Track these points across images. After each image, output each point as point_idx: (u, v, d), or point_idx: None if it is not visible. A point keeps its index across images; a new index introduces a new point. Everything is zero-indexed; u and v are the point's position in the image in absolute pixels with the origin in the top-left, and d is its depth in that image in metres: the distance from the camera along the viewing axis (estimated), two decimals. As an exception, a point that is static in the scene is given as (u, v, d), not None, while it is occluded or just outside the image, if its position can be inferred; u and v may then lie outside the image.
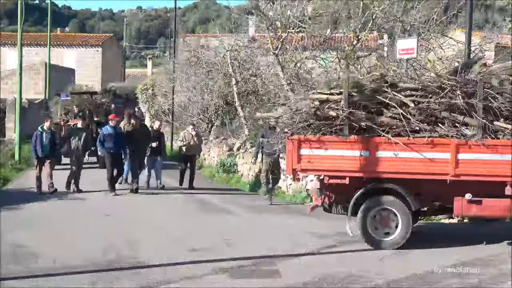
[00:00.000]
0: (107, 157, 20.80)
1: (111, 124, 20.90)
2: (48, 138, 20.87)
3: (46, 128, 21.01)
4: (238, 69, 29.00)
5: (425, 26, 22.03)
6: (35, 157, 21.07)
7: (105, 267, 11.22)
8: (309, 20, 25.18)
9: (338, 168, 12.66)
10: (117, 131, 20.89)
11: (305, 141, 12.64)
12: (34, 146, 20.79)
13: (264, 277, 10.48)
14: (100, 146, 20.87)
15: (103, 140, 20.64)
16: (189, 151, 22.62)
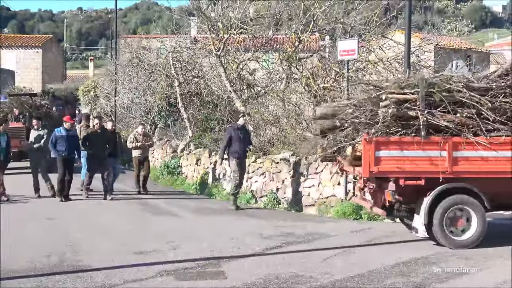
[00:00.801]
0: (58, 160, 19.92)
1: (65, 126, 20.08)
2: (5, 141, 20.38)
3: (1, 130, 20.40)
4: (180, 71, 28.92)
5: (366, 28, 22.28)
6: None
7: (48, 271, 11.10)
8: (251, 22, 25.30)
9: (414, 169, 12.58)
10: (70, 134, 20.17)
11: (383, 142, 12.50)
12: None
13: (209, 278, 10.48)
14: (52, 149, 19.99)
15: (55, 142, 19.83)
16: (141, 153, 22.22)
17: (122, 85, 35.68)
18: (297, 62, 23.34)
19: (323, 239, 13.69)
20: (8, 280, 10.47)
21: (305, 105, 22.42)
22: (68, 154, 19.97)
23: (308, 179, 18.59)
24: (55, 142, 19.82)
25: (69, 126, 20.28)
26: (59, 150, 19.79)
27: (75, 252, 12.56)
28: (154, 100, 30.89)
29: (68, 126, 20.15)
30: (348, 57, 17.89)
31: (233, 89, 24.62)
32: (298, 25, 23.26)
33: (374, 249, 12.79)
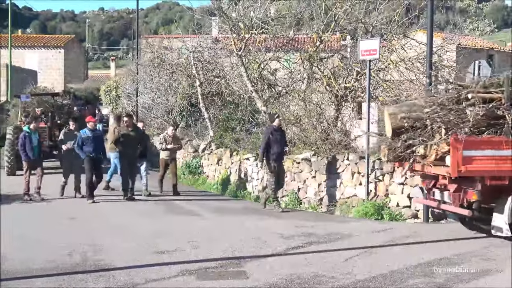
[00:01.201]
0: (86, 161, 19.71)
1: (89, 126, 20.00)
2: (37, 139, 20.50)
3: (33, 129, 20.46)
4: (201, 70, 28.98)
5: (387, 28, 22.17)
6: (26, 160, 20.33)
7: (70, 269, 11.16)
8: (272, 21, 25.27)
9: (500, 168, 12.40)
10: (96, 134, 20.13)
11: (472, 142, 12.29)
12: (24, 148, 20.17)
13: (231, 278, 10.47)
14: (79, 150, 19.74)
15: (82, 143, 19.69)
16: (169, 155, 22.00)
17: (144, 85, 35.79)
18: (319, 62, 23.29)
19: (345, 239, 13.65)
20: (30, 279, 10.53)
21: (326, 105, 22.39)
22: (96, 155, 19.82)
23: (330, 179, 18.57)
24: (82, 143, 19.67)
25: (93, 126, 20.15)
26: (86, 151, 19.63)
27: (97, 251, 12.60)
28: (176, 100, 30.94)
29: (91, 126, 20.04)
30: (369, 57, 17.83)
31: (254, 89, 24.63)
32: (320, 25, 23.20)
33: (396, 250, 12.74)
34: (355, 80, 22.14)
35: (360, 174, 17.63)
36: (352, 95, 22.17)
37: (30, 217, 17.31)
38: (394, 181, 16.79)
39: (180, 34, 33.85)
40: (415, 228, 15.05)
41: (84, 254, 12.38)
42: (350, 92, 22.05)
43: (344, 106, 22.53)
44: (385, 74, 22.41)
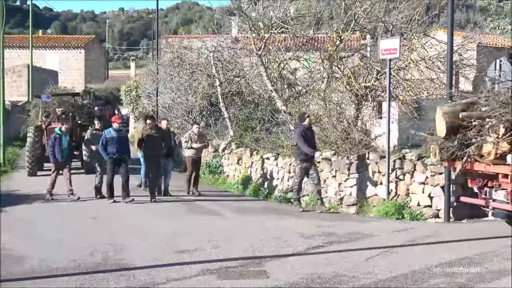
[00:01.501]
0: (109, 163, 19.54)
1: (114, 126, 19.72)
2: (67, 141, 20.56)
3: (64, 130, 20.53)
4: (221, 70, 29.02)
5: (407, 26, 22.09)
6: (54, 162, 20.40)
7: (91, 269, 11.22)
8: (291, 21, 25.25)
9: None
10: (120, 135, 19.85)
11: None
12: (53, 150, 20.26)
13: (252, 277, 10.47)
14: (102, 151, 19.53)
15: (106, 144, 19.42)
16: (195, 153, 21.83)
17: (164, 84, 35.84)
18: (338, 61, 23.26)
19: (365, 239, 13.61)
20: (52, 278, 10.59)
21: (346, 104, 22.35)
22: (119, 156, 19.56)
23: (350, 178, 18.53)
24: (106, 143, 19.43)
25: (118, 126, 19.89)
26: (110, 152, 19.43)
27: (118, 251, 12.66)
28: (196, 99, 30.98)
29: (117, 126, 19.78)
30: (389, 56, 17.77)
31: (274, 89, 24.62)
32: (339, 24, 23.16)
33: (417, 249, 12.68)
34: (375, 79, 22.09)
35: (380, 174, 17.58)
36: (372, 94, 22.12)
37: (51, 217, 17.41)
38: (414, 180, 16.71)
39: (200, 34, 33.89)
40: (436, 227, 14.99)
41: (105, 253, 12.44)
42: (370, 91, 22.00)
43: (364, 105, 22.49)
44: (405, 73, 22.34)
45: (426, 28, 22.92)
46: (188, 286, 10.07)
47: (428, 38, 22.57)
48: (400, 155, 17.43)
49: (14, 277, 10.75)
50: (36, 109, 33.76)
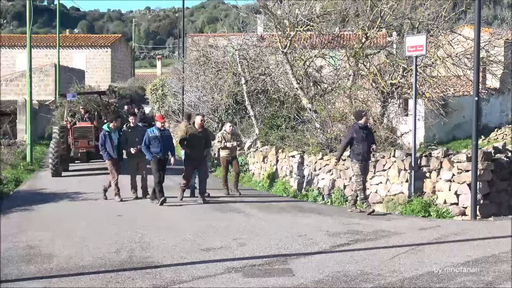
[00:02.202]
0: (153, 163, 18.80)
1: (157, 125, 18.96)
2: (117, 138, 20.06)
3: (113, 127, 20.09)
4: (247, 68, 29.04)
5: (434, 23, 22.01)
6: (109, 159, 19.82)
7: (117, 267, 11.29)
8: (317, 18, 25.19)
9: None
10: (164, 134, 19.06)
11: None
12: (104, 148, 19.74)
13: (277, 275, 10.46)
14: (146, 150, 18.82)
15: (149, 143, 18.76)
16: (230, 153, 21.20)
17: (190, 83, 36.00)
18: (364, 58, 23.21)
19: (391, 237, 13.56)
20: (78, 276, 10.66)
21: (372, 102, 22.29)
22: (163, 155, 19.01)
23: (376, 176, 18.47)
24: (149, 143, 18.78)
25: (161, 125, 19.11)
26: (153, 152, 18.78)
27: (144, 249, 12.71)
28: (221, 98, 31.03)
29: (160, 125, 19.01)
30: (416, 53, 17.69)
31: (299, 86, 24.60)
32: (365, 21, 23.09)
33: (443, 247, 12.60)
34: (401, 77, 22.03)
35: (406, 171, 17.49)
36: (398, 91, 22.06)
37: (78, 215, 17.51)
38: (441, 178, 16.61)
39: (226, 32, 33.90)
40: (462, 225, 14.89)
41: (131, 251, 12.49)
42: (396, 88, 21.94)
43: (390, 102, 22.42)
44: (431, 70, 22.25)
45: (452, 25, 22.82)
46: (214, 284, 10.08)
47: (455, 34, 22.47)
48: (426, 152, 17.34)
49: (42, 274, 10.84)
50: (61, 108, 32.82)
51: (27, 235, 14.49)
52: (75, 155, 28.12)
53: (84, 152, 27.76)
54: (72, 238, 14.06)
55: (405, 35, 20.37)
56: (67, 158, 28.04)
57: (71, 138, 27.69)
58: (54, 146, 26.92)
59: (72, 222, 16.20)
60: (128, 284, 10.17)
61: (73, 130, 27.69)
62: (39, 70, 50.31)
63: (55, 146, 26.91)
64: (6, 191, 22.32)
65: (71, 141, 27.76)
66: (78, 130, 27.87)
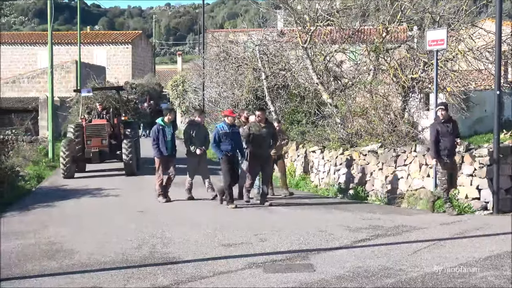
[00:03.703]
0: (223, 162, 17.41)
1: (227, 121, 17.66)
2: (171, 133, 18.86)
3: (167, 121, 18.83)
4: (267, 64, 29.01)
5: (455, 17, 21.88)
6: (158, 156, 18.57)
7: (139, 262, 11.34)
8: (337, 13, 25.13)
9: None
10: (234, 130, 17.66)
11: None
12: (157, 143, 18.52)
13: (298, 271, 10.46)
14: (216, 148, 17.54)
15: (219, 140, 17.47)
16: (275, 152, 19.45)
17: (210, 79, 36.03)
18: (385, 53, 23.12)
19: (412, 232, 13.51)
20: (100, 272, 10.72)
21: (393, 96, 22.21)
22: (234, 153, 17.71)
23: (397, 171, 18.41)
24: (219, 140, 17.46)
25: (232, 120, 17.74)
26: (224, 150, 17.44)
27: (165, 244, 12.75)
28: (242, 93, 31.01)
29: (230, 121, 17.67)
30: (437, 47, 17.61)
31: (320, 81, 24.55)
32: (386, 15, 23.02)
33: (465, 242, 12.54)
34: (422, 71, 21.93)
35: (428, 166, 17.42)
36: (419, 86, 21.96)
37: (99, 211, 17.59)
38: (462, 172, 16.52)
39: (246, 27, 33.95)
40: (484, 220, 14.82)
41: (152, 247, 12.54)
42: (417, 83, 21.85)
43: (411, 97, 22.33)
44: (452, 64, 22.13)
45: (474, 18, 22.68)
46: (235, 280, 10.10)
47: (476, 28, 22.30)
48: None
49: (64, 270, 10.91)
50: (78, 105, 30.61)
51: (49, 231, 14.60)
52: (87, 155, 25.88)
53: (96, 152, 25.71)
54: (93, 234, 14.13)
55: (425, 29, 20.26)
56: (81, 158, 26.04)
57: (85, 136, 25.89)
58: (65, 145, 25.12)
59: (93, 218, 16.28)
60: (149, 279, 10.21)
61: (85, 128, 26.01)
62: (60, 67, 50.51)
63: (66, 145, 25.10)
64: (29, 187, 22.45)
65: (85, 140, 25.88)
66: (90, 128, 26.09)
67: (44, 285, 10.16)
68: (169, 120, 18.88)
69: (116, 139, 26.16)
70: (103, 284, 10.07)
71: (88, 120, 26.84)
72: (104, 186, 21.98)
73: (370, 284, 9.66)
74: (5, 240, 13.66)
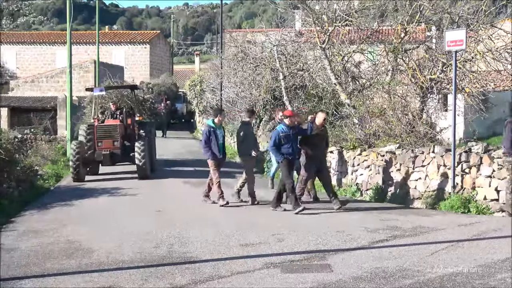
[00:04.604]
0: (283, 165, 16.56)
1: (286, 122, 16.68)
2: (222, 135, 18.24)
3: (218, 122, 18.14)
4: (285, 64, 29.05)
5: (474, 17, 21.80)
6: (212, 159, 17.86)
7: (157, 262, 11.38)
8: (355, 13, 25.10)
9: None
10: (294, 132, 16.69)
11: None
12: (209, 145, 17.84)
13: (315, 271, 10.46)
14: (276, 151, 16.65)
15: (279, 142, 16.52)
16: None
17: (228, 79, 36.10)
18: (403, 53, 23.08)
19: (430, 233, 13.47)
20: (118, 271, 10.76)
21: (411, 97, 22.15)
22: (294, 157, 16.86)
23: (415, 172, 18.35)
24: (279, 142, 16.50)
25: (291, 121, 16.73)
26: (285, 153, 16.53)
27: (183, 244, 12.78)
28: (259, 93, 31.07)
29: (290, 122, 16.67)
30: (455, 48, 17.54)
31: (338, 82, 24.54)
32: (404, 16, 22.98)
33: (483, 244, 12.49)
34: (441, 72, 21.86)
35: (446, 167, 17.35)
36: (437, 86, 21.89)
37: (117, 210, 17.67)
38: (481, 174, 16.44)
39: (264, 27, 33.92)
40: (503, 221, 14.73)
41: (170, 246, 12.58)
42: (435, 83, 21.79)
43: (430, 98, 22.26)
44: (471, 65, 22.04)
45: (493, 19, 22.58)
46: (252, 279, 10.11)
47: (495, 29, 22.21)
48: (466, 148, 17.18)
49: (83, 269, 10.97)
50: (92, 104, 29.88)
51: (67, 229, 14.70)
52: (97, 157, 24.83)
53: (107, 154, 24.61)
54: (111, 232, 14.20)
55: (444, 30, 20.21)
56: (91, 160, 25.10)
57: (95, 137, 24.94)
58: (75, 148, 24.02)
59: (111, 217, 16.36)
60: (167, 279, 10.24)
61: (96, 129, 25.04)
62: (78, 67, 50.77)
63: (76, 147, 24.01)
64: (47, 186, 22.59)
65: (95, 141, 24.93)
66: (101, 129, 25.09)
67: (63, 283, 10.22)
68: (219, 121, 18.19)
69: (129, 140, 25.14)
70: (121, 283, 10.11)
71: (100, 121, 25.93)
72: (122, 185, 22.07)
73: (388, 285, 9.64)
74: (24, 238, 13.77)
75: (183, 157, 32.83)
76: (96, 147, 24.76)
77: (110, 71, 42.77)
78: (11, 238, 13.84)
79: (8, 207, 17.41)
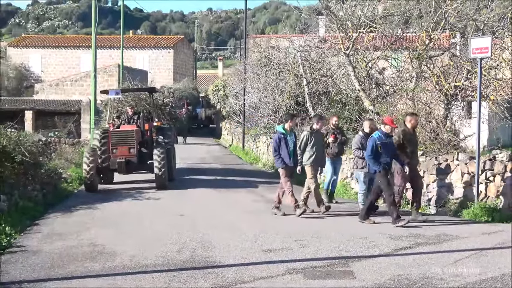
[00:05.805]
0: (382, 175, 15.42)
1: (384, 129, 15.75)
2: (293, 141, 17.24)
3: (288, 128, 17.26)
4: (309, 70, 29.06)
5: (499, 25, 21.71)
6: (283, 167, 16.99)
7: (180, 266, 11.41)
8: (380, 20, 25.09)
9: None
10: (390, 140, 15.86)
11: None
12: (279, 153, 16.94)
13: (338, 278, 10.45)
14: (373, 160, 15.49)
15: (376, 151, 15.51)
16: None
17: (251, 84, 36.16)
18: (428, 60, 23.01)
19: (454, 241, 13.40)
20: (141, 275, 10.81)
21: (435, 104, 22.07)
22: (390, 166, 15.97)
23: (438, 179, 18.27)
24: (376, 150, 15.48)
25: (389, 130, 15.80)
26: (383, 162, 15.51)
27: (205, 248, 12.81)
28: (282, 99, 31.09)
29: (388, 130, 15.75)
30: (480, 55, 17.46)
31: (361, 88, 24.51)
32: (429, 22, 22.94)
33: (507, 252, 12.38)
34: (465, 79, 21.77)
35: (470, 175, 17.27)
36: (462, 94, 21.80)
37: (141, 214, 17.72)
38: (505, 182, 16.36)
39: (287, 33, 34.00)
40: (527, 230, 14.65)
41: (193, 250, 12.60)
42: (460, 91, 21.69)
43: (454, 105, 22.17)
44: (496, 73, 21.93)
45: (518, 27, 22.45)
46: (275, 285, 10.12)
47: (521, 36, 22.11)
48: (490, 156, 17.09)
49: (107, 272, 11.02)
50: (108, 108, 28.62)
51: (91, 232, 14.77)
52: (112, 165, 23.06)
53: (122, 162, 22.82)
54: (135, 236, 14.26)
55: (469, 37, 20.14)
56: (106, 168, 23.41)
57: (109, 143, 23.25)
58: (88, 156, 22.35)
59: (134, 221, 16.41)
60: (190, 283, 10.27)
61: (110, 135, 23.25)
62: (103, 71, 51.10)
63: (89, 155, 22.39)
64: (71, 189, 22.68)
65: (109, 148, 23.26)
66: (116, 135, 23.25)
67: (87, 286, 10.30)
68: (290, 127, 17.31)
69: (147, 147, 23.66)
70: (144, 286, 10.16)
71: (116, 126, 24.32)
72: (146, 189, 22.13)
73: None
74: (48, 241, 13.86)
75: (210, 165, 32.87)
76: (110, 154, 23.15)
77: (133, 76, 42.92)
78: (36, 240, 13.94)
79: (32, 209, 17.51)
